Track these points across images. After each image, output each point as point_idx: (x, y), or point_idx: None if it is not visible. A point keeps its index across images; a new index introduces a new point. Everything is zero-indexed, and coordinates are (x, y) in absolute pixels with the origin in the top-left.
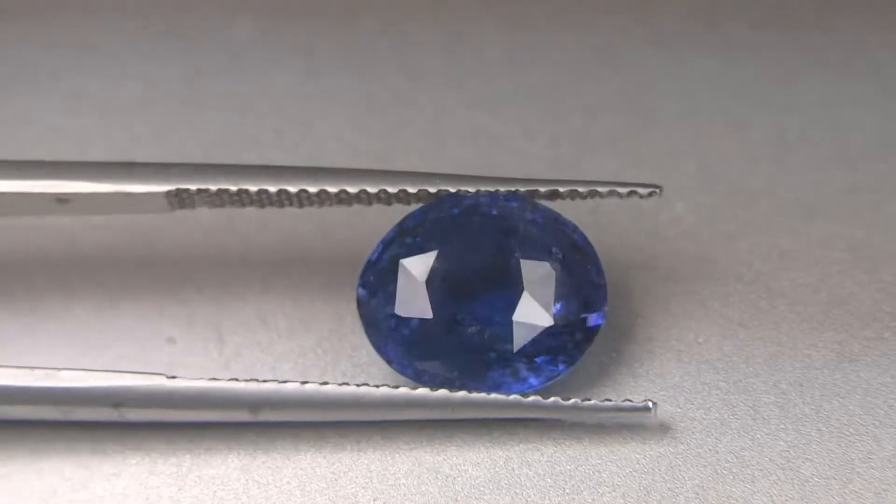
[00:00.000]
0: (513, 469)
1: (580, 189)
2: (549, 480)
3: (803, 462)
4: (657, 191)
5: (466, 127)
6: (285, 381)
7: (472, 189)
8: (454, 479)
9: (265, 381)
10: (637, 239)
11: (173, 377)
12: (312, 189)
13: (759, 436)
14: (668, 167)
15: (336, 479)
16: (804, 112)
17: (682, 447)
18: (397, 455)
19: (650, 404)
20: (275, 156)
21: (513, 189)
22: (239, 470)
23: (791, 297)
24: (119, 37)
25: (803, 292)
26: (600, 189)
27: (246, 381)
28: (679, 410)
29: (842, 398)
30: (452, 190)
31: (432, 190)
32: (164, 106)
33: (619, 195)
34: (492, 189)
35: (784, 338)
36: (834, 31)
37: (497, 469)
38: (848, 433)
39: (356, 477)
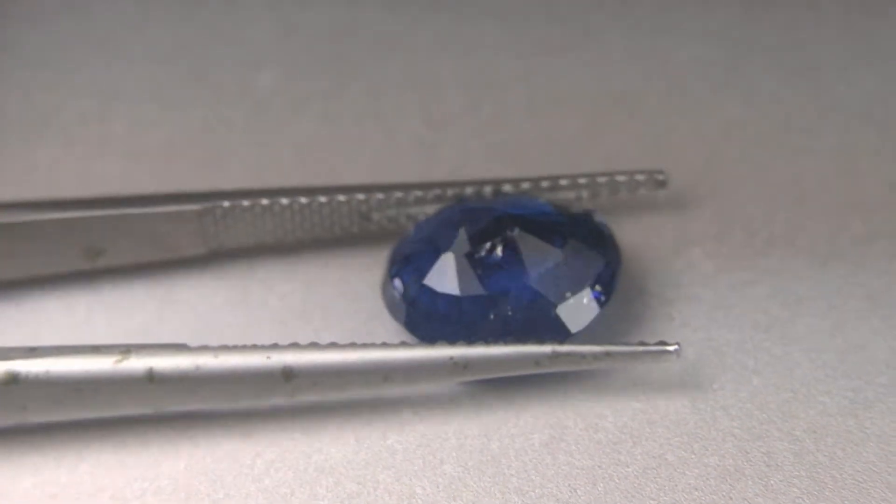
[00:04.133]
0: None
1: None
2: None
3: None
4: (661, 176)
5: (487, 173)
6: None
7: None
8: None
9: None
10: (653, 286)
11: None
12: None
13: (773, 482)
14: (686, 213)
15: None
16: (822, 159)
17: (697, 493)
18: (413, 501)
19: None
20: None
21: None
22: None
23: (806, 344)
24: (145, 84)
25: (818, 339)
26: (600, 180)
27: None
28: (694, 457)
29: (856, 445)
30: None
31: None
32: (189, 151)
33: (620, 183)
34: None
35: (798, 385)
36: (853, 80)
37: None
38: (862, 480)
39: None
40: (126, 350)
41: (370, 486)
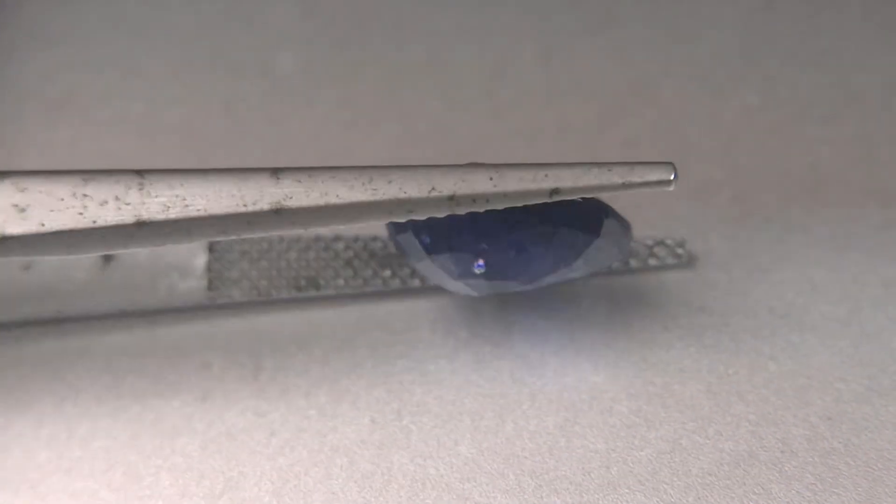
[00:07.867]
0: None
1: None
2: None
3: (830, 496)
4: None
5: (505, 157)
6: None
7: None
8: None
9: None
10: (670, 271)
11: None
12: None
13: (787, 468)
14: (704, 199)
15: None
16: (839, 147)
17: (711, 478)
18: (427, 482)
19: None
20: None
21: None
22: (270, 494)
23: (822, 331)
24: (164, 63)
25: (834, 326)
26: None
27: None
28: (708, 442)
29: (870, 432)
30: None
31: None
32: (207, 130)
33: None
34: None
35: (814, 371)
36: (871, 69)
37: None
38: (876, 467)
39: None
40: None
41: (384, 466)
